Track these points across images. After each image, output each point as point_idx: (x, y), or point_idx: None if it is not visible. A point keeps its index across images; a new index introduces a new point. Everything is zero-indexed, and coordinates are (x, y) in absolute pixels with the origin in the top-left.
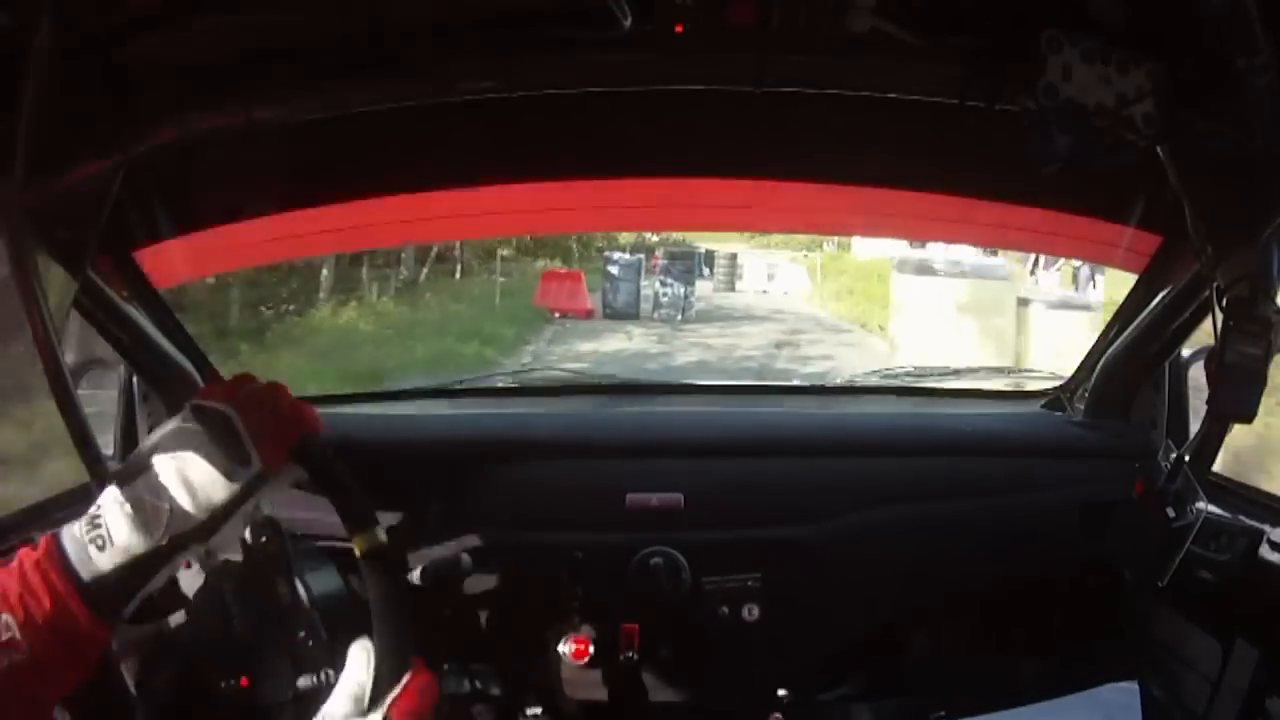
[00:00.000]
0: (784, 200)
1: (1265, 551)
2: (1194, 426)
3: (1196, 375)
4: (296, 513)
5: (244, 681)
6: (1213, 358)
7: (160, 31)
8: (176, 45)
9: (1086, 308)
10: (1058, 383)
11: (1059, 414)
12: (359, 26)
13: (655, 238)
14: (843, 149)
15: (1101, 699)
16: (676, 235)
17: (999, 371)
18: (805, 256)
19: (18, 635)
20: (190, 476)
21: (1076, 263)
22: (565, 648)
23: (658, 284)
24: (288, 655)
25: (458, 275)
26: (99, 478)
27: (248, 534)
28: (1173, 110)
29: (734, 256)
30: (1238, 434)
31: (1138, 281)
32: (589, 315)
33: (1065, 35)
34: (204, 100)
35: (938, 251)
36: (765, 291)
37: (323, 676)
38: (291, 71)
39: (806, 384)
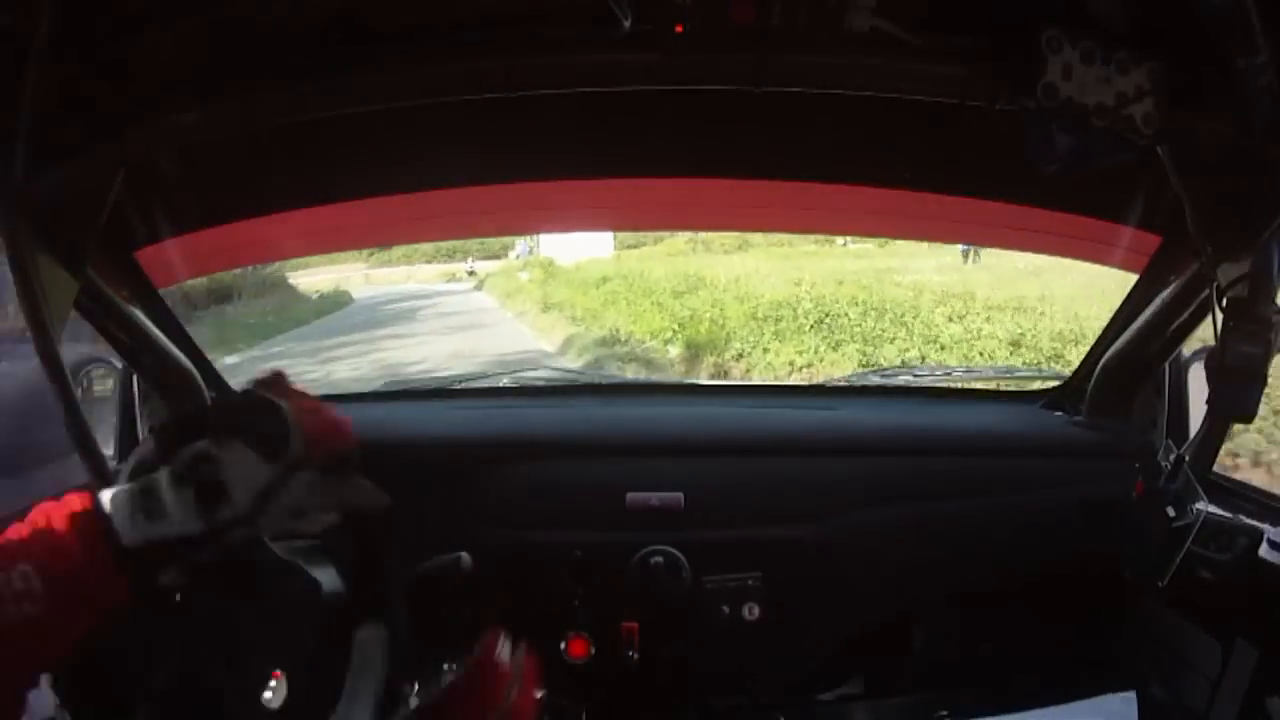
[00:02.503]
0: (782, 200)
1: (1265, 551)
2: (1194, 426)
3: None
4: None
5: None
6: (1213, 358)
7: (159, 30)
8: (175, 44)
9: None
10: (1058, 382)
11: (1059, 413)
12: (359, 26)
13: None
14: (842, 149)
15: (1101, 708)
16: None
17: (999, 371)
18: None
19: (38, 589)
20: (238, 460)
21: None
22: (565, 647)
23: None
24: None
25: None
26: (100, 477)
27: None
28: (1173, 110)
29: None
30: None
31: (1138, 281)
32: None
33: (1065, 35)
34: (203, 99)
35: None
36: None
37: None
38: (290, 70)
39: (806, 384)
